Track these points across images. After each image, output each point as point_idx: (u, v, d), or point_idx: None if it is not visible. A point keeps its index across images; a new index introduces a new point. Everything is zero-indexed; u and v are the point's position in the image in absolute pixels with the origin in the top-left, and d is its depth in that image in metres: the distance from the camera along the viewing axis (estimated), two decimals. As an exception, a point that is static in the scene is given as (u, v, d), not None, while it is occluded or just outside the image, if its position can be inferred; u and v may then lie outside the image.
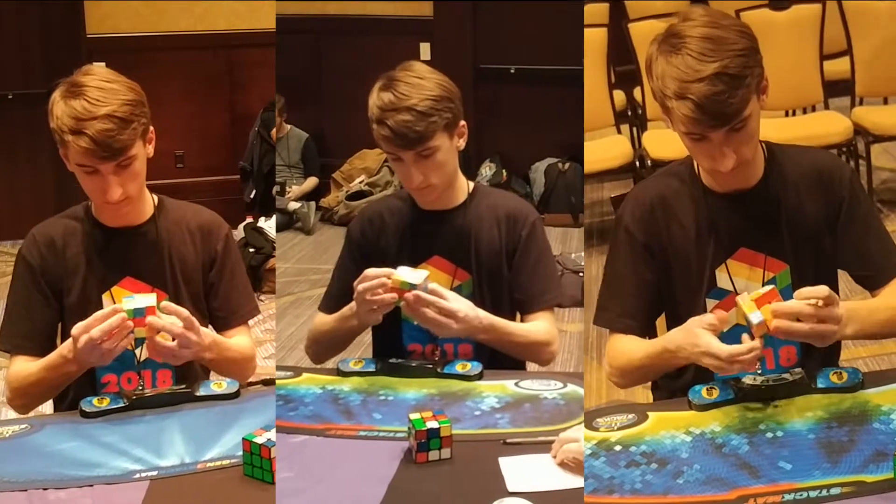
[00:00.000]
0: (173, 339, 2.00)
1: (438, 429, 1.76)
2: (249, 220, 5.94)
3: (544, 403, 2.00)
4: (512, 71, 6.70)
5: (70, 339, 2.00)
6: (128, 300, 2.00)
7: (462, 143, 2.27)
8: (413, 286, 2.08)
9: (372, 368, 2.18)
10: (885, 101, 5.53)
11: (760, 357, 1.80)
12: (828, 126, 5.02)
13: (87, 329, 1.94)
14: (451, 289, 2.26)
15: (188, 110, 6.50)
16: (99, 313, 1.97)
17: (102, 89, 2.02)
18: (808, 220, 2.02)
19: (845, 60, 5.24)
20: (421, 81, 2.18)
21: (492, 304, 2.28)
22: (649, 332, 2.14)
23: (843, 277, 2.09)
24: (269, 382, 2.19)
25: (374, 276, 2.10)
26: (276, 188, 6.43)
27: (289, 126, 6.67)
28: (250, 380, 2.24)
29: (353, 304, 2.20)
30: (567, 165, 6.39)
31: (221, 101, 6.64)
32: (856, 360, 3.59)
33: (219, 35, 6.51)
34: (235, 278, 2.32)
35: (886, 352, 3.78)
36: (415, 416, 1.78)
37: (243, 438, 1.74)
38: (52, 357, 2.07)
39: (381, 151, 2.13)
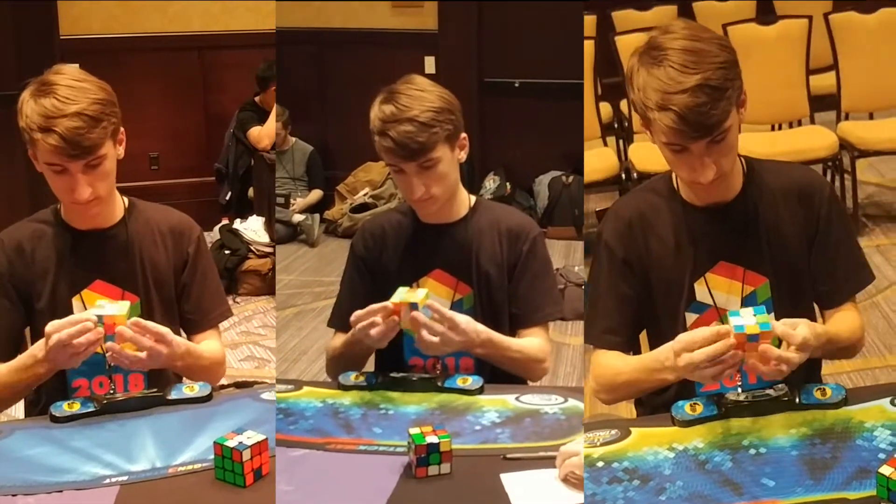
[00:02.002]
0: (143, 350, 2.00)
1: (438, 443, 1.74)
2: (225, 221, 5.93)
3: (545, 418, 1.99)
4: (516, 84, 6.71)
5: (42, 340, 1.98)
6: (98, 307, 1.98)
7: (463, 155, 2.28)
8: (414, 305, 2.07)
9: (373, 382, 2.17)
10: (871, 116, 5.55)
11: (738, 360, 1.79)
12: (814, 140, 5.04)
13: (59, 329, 1.93)
14: (452, 302, 2.27)
15: (162, 112, 6.49)
16: (73, 317, 1.96)
17: (72, 88, 2.02)
18: (787, 235, 2.03)
19: (831, 75, 5.26)
20: (422, 94, 2.19)
21: (492, 318, 2.28)
22: (633, 346, 2.14)
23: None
24: (241, 385, 2.18)
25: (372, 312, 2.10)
26: (280, 200, 6.43)
27: (293, 139, 6.66)
28: (223, 382, 2.23)
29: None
30: (571, 178, 6.40)
31: (196, 103, 6.63)
32: (839, 375, 3.59)
33: (193, 36, 6.51)
34: (207, 281, 2.31)
35: (870, 366, 3.79)
36: (415, 430, 1.77)
37: (214, 442, 1.73)
38: (22, 357, 2.05)
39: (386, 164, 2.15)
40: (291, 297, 5.41)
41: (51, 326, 1.95)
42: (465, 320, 2.13)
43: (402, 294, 2.09)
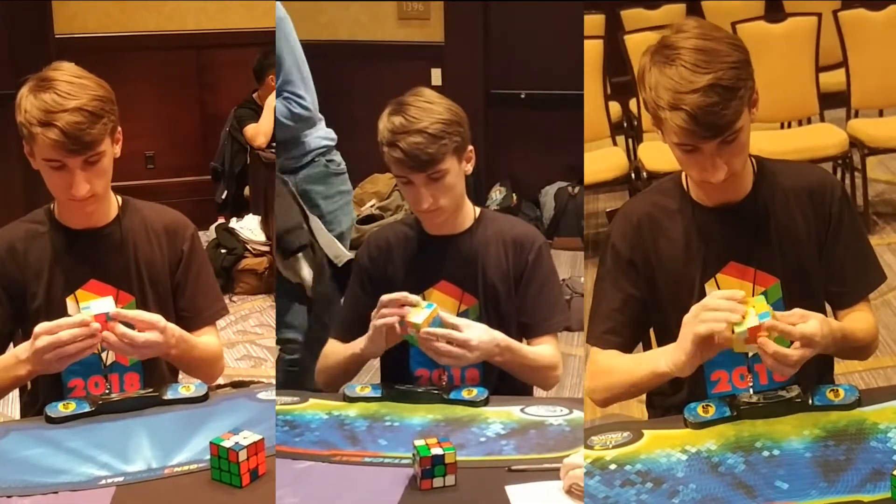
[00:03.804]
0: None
1: (443, 455, 1.73)
2: (221, 220, 5.92)
3: (550, 430, 1.97)
4: (522, 96, 6.70)
5: (26, 343, 1.98)
6: (85, 308, 1.98)
7: (470, 167, 2.29)
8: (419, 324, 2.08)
9: (378, 394, 2.17)
10: (881, 114, 5.53)
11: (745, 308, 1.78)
12: (823, 138, 5.02)
13: (51, 332, 1.93)
14: (458, 313, 2.26)
15: (158, 111, 6.48)
16: (66, 320, 1.96)
17: (72, 83, 2.02)
18: (797, 235, 2.02)
19: (841, 72, 5.24)
20: (431, 106, 2.19)
21: (498, 328, 2.27)
22: (633, 348, 2.12)
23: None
24: (238, 385, 2.19)
25: (388, 307, 2.11)
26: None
27: None
28: (219, 382, 2.23)
29: (363, 338, 2.21)
30: (577, 189, 6.38)
31: (191, 102, 6.63)
32: (851, 375, 3.58)
33: (188, 35, 6.51)
34: (202, 279, 2.31)
35: (882, 366, 3.78)
36: (420, 442, 1.76)
37: (211, 442, 1.73)
38: (4, 357, 2.06)
39: (392, 176, 2.15)
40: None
41: (40, 328, 1.94)
42: (480, 333, 2.13)
43: (414, 318, 2.09)
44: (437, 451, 1.73)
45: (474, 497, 1.73)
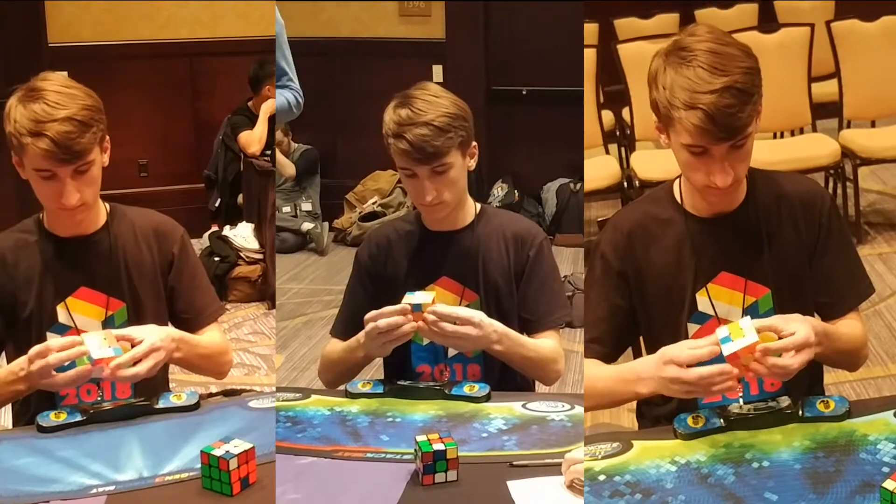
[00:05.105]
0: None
1: (445, 451, 1.74)
2: (214, 228, 5.93)
3: (551, 425, 1.98)
4: (524, 92, 6.72)
5: (23, 358, 1.98)
6: (92, 347, 1.97)
7: (473, 163, 2.30)
8: (419, 306, 2.08)
9: (380, 390, 2.17)
10: (873, 124, 5.55)
11: (735, 381, 1.76)
12: (816, 149, 5.04)
13: (44, 356, 1.92)
14: None
15: (152, 119, 6.50)
16: (60, 349, 1.94)
17: (61, 93, 2.02)
18: (789, 245, 2.02)
19: (833, 83, 5.26)
20: (437, 99, 2.21)
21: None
22: (616, 358, 2.12)
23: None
24: (229, 393, 2.18)
25: (390, 313, 2.10)
26: (286, 209, 6.43)
27: (296, 144, 6.68)
28: (211, 390, 2.23)
29: (360, 336, 2.21)
30: (578, 186, 6.40)
31: (185, 110, 6.64)
32: (842, 384, 3.58)
33: (181, 43, 6.52)
34: (197, 279, 2.32)
35: (872, 376, 3.78)
36: (421, 438, 1.77)
37: (201, 451, 1.72)
38: (3, 373, 2.05)
39: (394, 173, 2.16)
40: (300, 305, 5.40)
41: (37, 366, 1.93)
42: (479, 315, 2.14)
43: (410, 299, 2.09)
44: (438, 446, 1.74)
45: (476, 492, 1.73)
